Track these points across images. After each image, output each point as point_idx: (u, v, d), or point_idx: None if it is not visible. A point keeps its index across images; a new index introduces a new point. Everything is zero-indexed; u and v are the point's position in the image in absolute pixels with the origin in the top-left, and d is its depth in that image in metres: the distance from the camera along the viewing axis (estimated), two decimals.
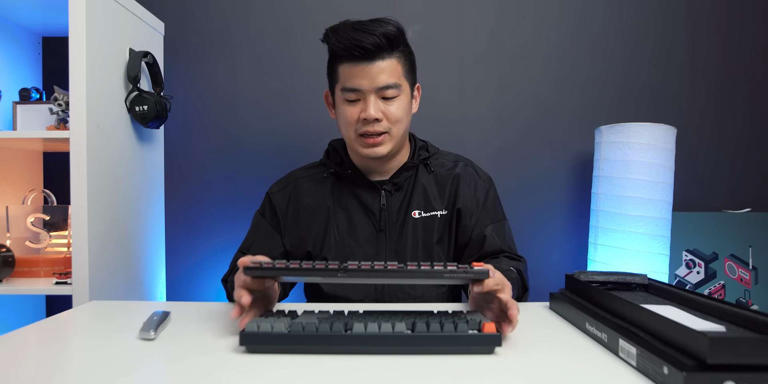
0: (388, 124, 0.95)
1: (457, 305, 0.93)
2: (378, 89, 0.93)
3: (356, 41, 0.90)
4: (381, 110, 0.94)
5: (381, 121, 0.94)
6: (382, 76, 0.92)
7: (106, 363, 0.59)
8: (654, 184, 1.31)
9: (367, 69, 0.92)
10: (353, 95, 0.94)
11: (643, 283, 0.86)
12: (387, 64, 0.93)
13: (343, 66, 0.94)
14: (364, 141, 0.96)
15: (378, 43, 0.90)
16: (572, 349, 0.65)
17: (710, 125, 1.60)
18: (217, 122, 1.61)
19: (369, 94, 0.93)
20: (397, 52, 0.95)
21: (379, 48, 0.91)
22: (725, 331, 0.58)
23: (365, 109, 0.93)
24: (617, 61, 1.60)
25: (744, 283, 1.50)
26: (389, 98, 0.95)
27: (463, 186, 1.05)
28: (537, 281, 1.03)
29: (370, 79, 0.92)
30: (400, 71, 0.95)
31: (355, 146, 0.98)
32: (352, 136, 0.97)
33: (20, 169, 1.51)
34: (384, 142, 0.96)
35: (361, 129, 0.95)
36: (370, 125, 0.94)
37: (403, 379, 0.54)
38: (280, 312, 0.71)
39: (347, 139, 1.00)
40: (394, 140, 0.97)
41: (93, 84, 1.18)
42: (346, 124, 0.97)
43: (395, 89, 0.94)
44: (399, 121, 0.96)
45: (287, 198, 1.06)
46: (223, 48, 1.60)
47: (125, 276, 1.33)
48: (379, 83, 0.92)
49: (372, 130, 0.94)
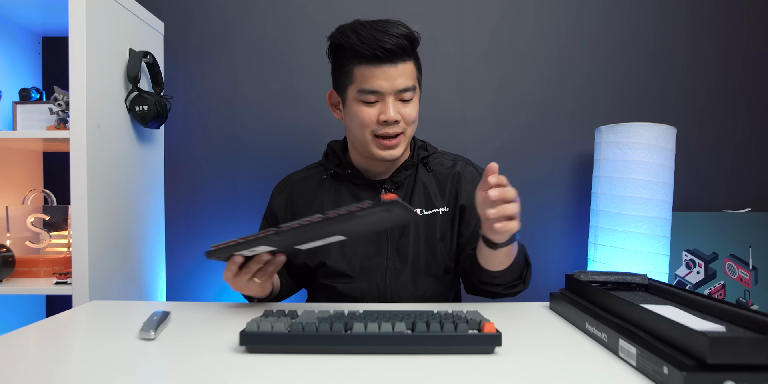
0: (405, 125, 0.96)
1: (457, 305, 0.94)
2: (397, 92, 0.93)
3: (381, 42, 0.89)
4: (399, 112, 0.94)
5: (399, 122, 0.94)
6: (402, 79, 0.92)
7: (106, 363, 0.59)
8: (654, 184, 1.31)
9: (388, 71, 0.91)
10: (373, 97, 0.93)
11: (643, 283, 0.86)
12: (406, 67, 0.93)
13: (362, 67, 0.92)
14: (382, 143, 0.95)
15: (402, 45, 0.90)
16: (572, 349, 0.65)
17: (710, 125, 1.60)
18: (217, 122, 1.61)
19: (388, 96, 0.93)
20: (413, 56, 0.96)
21: (403, 50, 0.91)
22: (725, 331, 0.58)
23: (385, 112, 0.93)
24: (617, 61, 1.60)
25: (744, 283, 1.50)
26: (406, 100, 0.95)
27: (465, 183, 1.05)
28: (537, 281, 1.03)
29: (390, 82, 0.92)
30: (415, 74, 0.96)
31: (370, 147, 0.97)
32: (368, 138, 0.96)
33: (20, 169, 1.51)
34: (399, 144, 0.96)
35: (379, 131, 0.94)
36: (389, 127, 0.94)
37: (403, 379, 0.54)
38: (280, 312, 0.71)
39: (360, 141, 0.98)
40: (407, 141, 0.98)
41: (93, 84, 1.18)
42: (361, 126, 0.95)
43: (412, 92, 0.95)
44: (414, 123, 0.97)
45: (285, 201, 1.07)
46: (223, 48, 1.60)
47: (125, 276, 1.33)
48: (399, 86, 0.92)
49: (391, 132, 0.94)
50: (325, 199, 1.04)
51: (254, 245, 0.76)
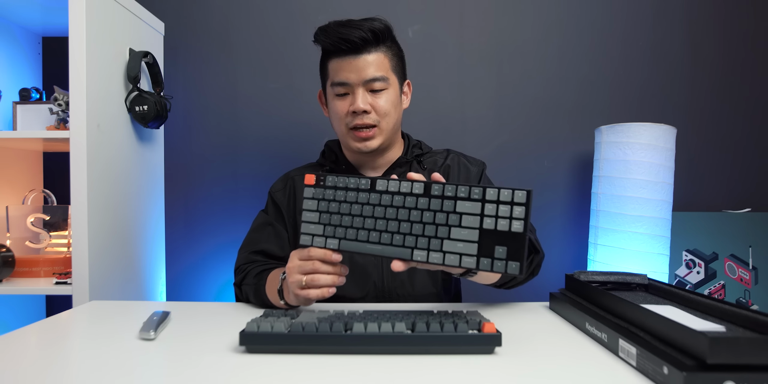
0: (377, 116, 0.97)
1: (457, 305, 0.94)
2: (365, 82, 0.95)
3: (343, 35, 0.93)
4: (369, 103, 0.96)
5: (370, 113, 0.96)
6: (369, 69, 0.95)
7: (106, 363, 0.59)
8: (654, 184, 1.31)
9: (354, 62, 0.94)
10: (342, 89, 0.97)
11: (643, 283, 0.86)
12: (374, 58, 0.95)
13: (332, 61, 0.97)
14: (356, 135, 0.98)
15: (364, 37, 0.93)
16: (572, 349, 0.65)
17: (710, 125, 1.60)
18: (217, 122, 1.61)
19: (357, 87, 0.95)
20: (384, 47, 0.97)
21: (365, 41, 0.94)
22: (725, 331, 0.58)
23: (353, 102, 0.95)
24: (617, 61, 1.60)
25: (744, 283, 1.50)
26: (377, 91, 0.97)
27: (453, 175, 1.07)
28: (537, 281, 1.02)
29: (357, 72, 0.94)
30: (387, 65, 0.97)
31: (347, 140, 1.00)
32: (343, 131, 0.99)
33: (20, 169, 1.51)
34: (375, 136, 0.98)
35: (351, 122, 0.97)
36: (359, 118, 0.96)
37: (403, 379, 0.54)
38: (279, 312, 0.71)
39: (339, 134, 1.02)
40: (384, 133, 0.99)
41: (93, 84, 1.18)
42: (337, 119, 0.99)
43: (382, 82, 0.96)
44: (387, 114, 0.98)
45: (287, 195, 1.08)
46: (223, 48, 1.60)
47: (125, 276, 1.33)
48: (366, 76, 0.95)
49: (362, 123, 0.96)
50: None
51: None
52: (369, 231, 0.71)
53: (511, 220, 0.64)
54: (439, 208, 0.67)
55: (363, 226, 0.71)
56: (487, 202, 0.64)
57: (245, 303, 0.94)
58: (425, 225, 0.67)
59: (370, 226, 0.71)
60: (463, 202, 0.66)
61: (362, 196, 0.72)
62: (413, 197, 0.69)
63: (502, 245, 0.64)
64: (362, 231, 0.71)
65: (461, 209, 0.66)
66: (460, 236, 0.65)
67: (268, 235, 1.05)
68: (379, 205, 0.71)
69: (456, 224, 0.66)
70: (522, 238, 0.63)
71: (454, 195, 0.67)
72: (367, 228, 0.71)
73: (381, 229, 0.70)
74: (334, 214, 0.73)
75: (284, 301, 0.83)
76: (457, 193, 0.66)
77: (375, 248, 0.70)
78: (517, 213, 0.63)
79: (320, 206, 0.74)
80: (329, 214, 0.74)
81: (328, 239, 0.74)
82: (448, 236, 0.66)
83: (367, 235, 0.71)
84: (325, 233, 0.74)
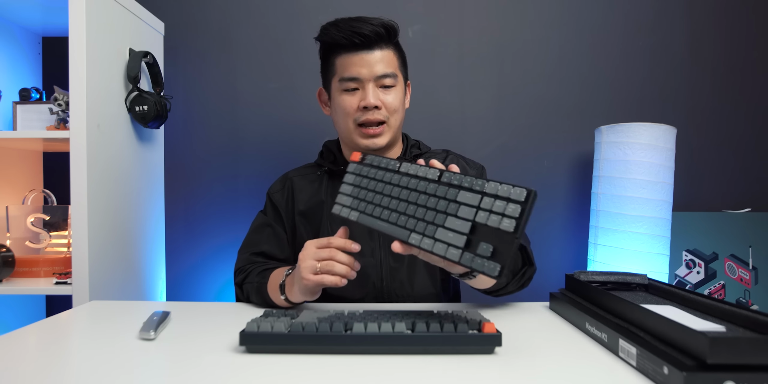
0: (387, 113, 0.96)
1: (457, 305, 0.93)
2: (377, 77, 0.95)
3: (356, 29, 0.92)
4: (379, 99, 0.95)
5: (380, 109, 0.95)
6: (381, 65, 0.94)
7: (106, 363, 0.59)
8: (654, 184, 1.31)
9: (366, 57, 0.94)
10: (353, 84, 0.95)
11: (643, 283, 0.86)
12: (385, 54, 0.95)
13: (341, 56, 0.96)
14: (364, 131, 0.97)
15: (377, 31, 0.93)
16: (572, 349, 0.65)
17: (710, 125, 1.60)
18: (217, 122, 1.61)
19: (368, 83, 0.95)
20: (392, 45, 0.97)
21: (378, 36, 0.94)
22: (725, 331, 0.58)
23: (365, 98, 0.94)
24: (617, 61, 1.60)
25: (744, 283, 1.50)
26: (387, 87, 0.96)
27: None
28: (537, 281, 1.02)
29: (369, 68, 0.94)
30: (396, 63, 0.98)
31: (353, 137, 0.98)
32: (350, 127, 0.98)
33: (20, 169, 1.51)
34: (383, 133, 0.97)
35: (360, 118, 0.96)
36: (370, 113, 0.95)
37: (403, 379, 0.54)
38: (280, 312, 0.71)
39: (345, 131, 1.00)
40: (391, 131, 0.98)
41: (93, 84, 1.18)
42: (344, 115, 0.97)
43: (392, 78, 0.96)
44: (396, 111, 0.98)
45: (285, 196, 1.07)
46: (222, 48, 1.60)
47: (125, 276, 1.33)
48: (378, 72, 0.94)
49: (372, 119, 0.95)
50: (321, 194, 1.05)
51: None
52: (383, 208, 0.73)
53: (503, 217, 0.59)
54: (443, 196, 0.67)
55: (380, 204, 0.74)
56: (486, 195, 0.63)
57: (246, 303, 0.94)
58: (427, 210, 0.68)
59: (386, 204, 0.73)
60: (465, 192, 0.65)
61: (387, 176, 0.75)
62: (426, 182, 0.70)
63: (488, 243, 0.59)
64: (378, 208, 0.74)
65: (461, 199, 0.65)
66: (453, 226, 0.64)
67: (267, 236, 1.05)
68: (397, 186, 0.73)
69: (453, 213, 0.65)
70: (511, 240, 0.58)
71: (459, 184, 0.66)
72: (383, 205, 0.73)
73: (392, 208, 0.72)
74: (363, 189, 0.78)
75: (285, 296, 0.83)
76: (462, 183, 0.66)
77: (382, 225, 0.72)
78: (510, 210, 0.59)
79: (356, 181, 0.80)
80: (359, 188, 0.79)
81: (351, 211, 0.78)
82: (443, 224, 0.65)
83: (380, 212, 0.73)
84: (351, 205, 0.78)
